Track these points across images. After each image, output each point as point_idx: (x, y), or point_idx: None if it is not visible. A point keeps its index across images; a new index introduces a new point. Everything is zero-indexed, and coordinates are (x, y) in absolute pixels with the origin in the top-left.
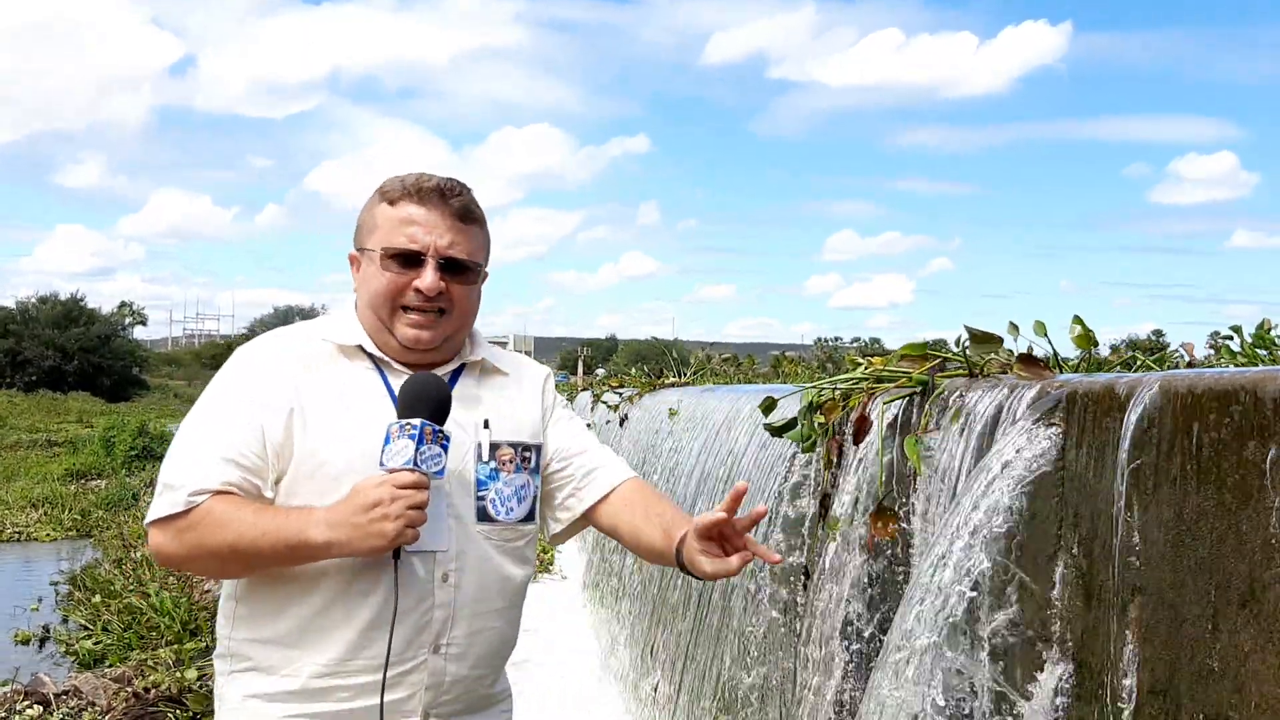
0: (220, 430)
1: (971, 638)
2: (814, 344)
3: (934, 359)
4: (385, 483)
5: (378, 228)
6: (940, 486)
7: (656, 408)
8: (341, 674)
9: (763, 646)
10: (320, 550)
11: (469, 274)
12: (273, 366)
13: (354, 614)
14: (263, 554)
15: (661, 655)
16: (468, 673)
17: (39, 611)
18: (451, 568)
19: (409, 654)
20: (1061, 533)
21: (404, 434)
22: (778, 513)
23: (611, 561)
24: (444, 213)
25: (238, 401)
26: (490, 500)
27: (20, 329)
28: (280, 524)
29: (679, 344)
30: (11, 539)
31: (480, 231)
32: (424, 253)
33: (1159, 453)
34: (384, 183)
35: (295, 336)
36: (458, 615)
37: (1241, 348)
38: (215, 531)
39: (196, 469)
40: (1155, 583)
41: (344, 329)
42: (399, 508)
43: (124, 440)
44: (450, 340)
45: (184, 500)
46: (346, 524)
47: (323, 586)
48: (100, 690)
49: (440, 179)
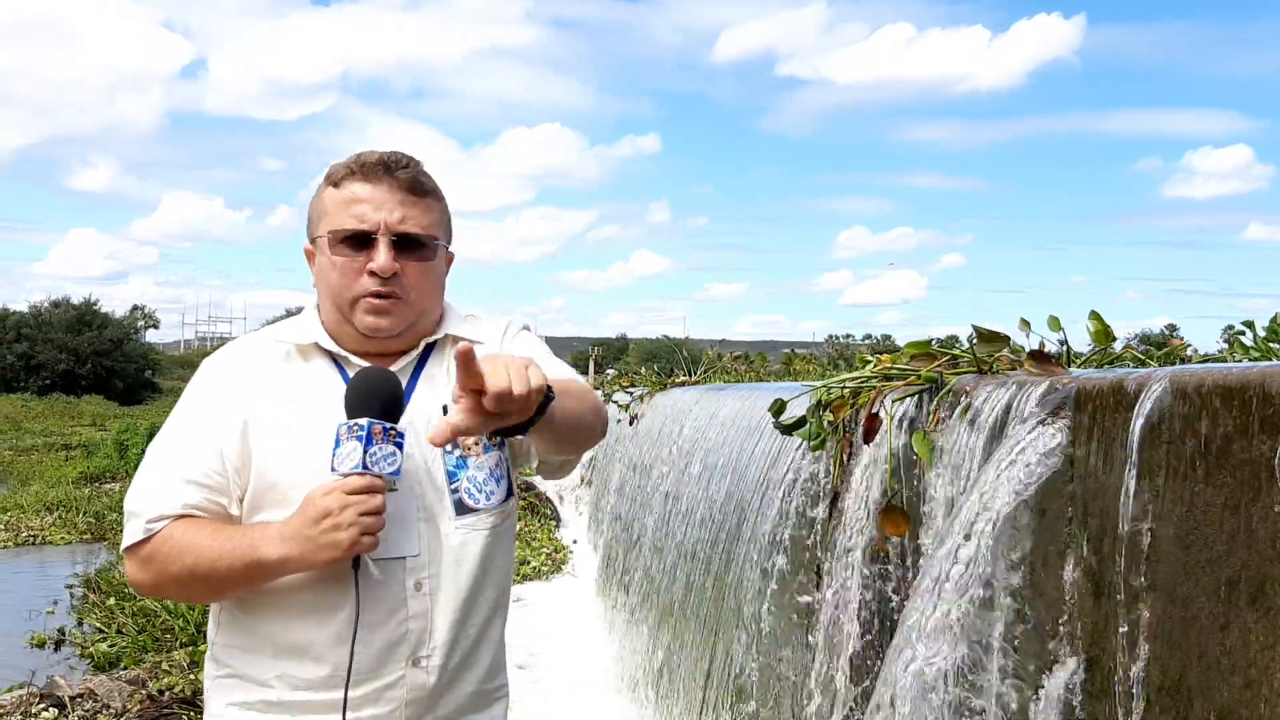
0: (179, 451)
1: (981, 635)
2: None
3: (942, 356)
4: (334, 490)
5: (325, 213)
6: (949, 483)
7: (670, 405)
8: (315, 688)
9: (773, 643)
10: (276, 567)
11: (425, 250)
12: (226, 378)
13: (324, 627)
14: (222, 576)
15: (673, 652)
16: (453, 679)
17: (54, 614)
18: (425, 575)
19: (386, 669)
20: (1071, 529)
21: (351, 435)
22: (787, 511)
23: (626, 559)
24: (391, 186)
25: (196, 418)
26: (465, 490)
27: (34, 333)
28: (235, 544)
29: (689, 342)
30: (27, 542)
31: (435, 204)
32: (374, 232)
33: (1168, 448)
34: (329, 167)
35: (252, 342)
36: (436, 624)
37: (1255, 342)
38: (175, 558)
39: (156, 495)
40: (1165, 579)
41: (301, 328)
42: (350, 515)
43: (137, 443)
44: (415, 326)
45: (143, 528)
46: (299, 537)
47: (291, 599)
48: (115, 692)
49: (384, 152)
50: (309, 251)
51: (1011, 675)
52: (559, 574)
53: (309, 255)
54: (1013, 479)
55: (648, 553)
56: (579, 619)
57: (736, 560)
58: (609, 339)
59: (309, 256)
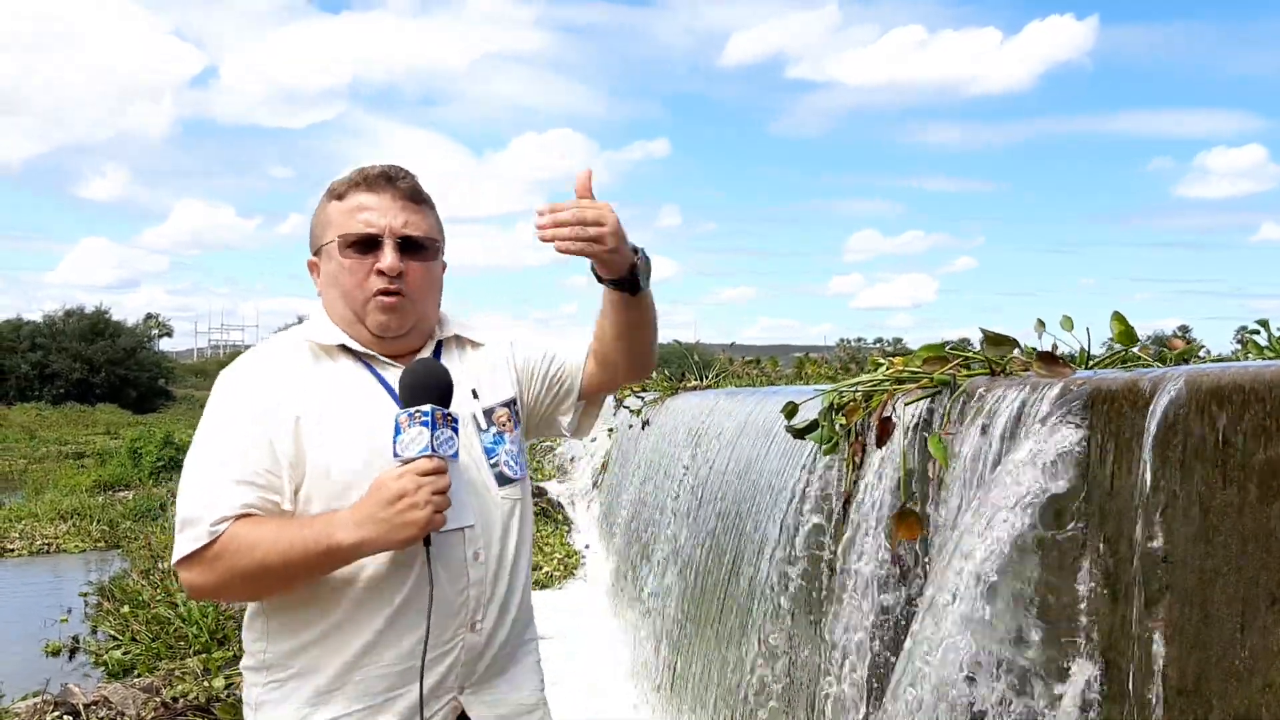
0: (228, 454)
1: (996, 639)
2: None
3: (955, 358)
4: (406, 473)
5: (331, 223)
6: (963, 486)
7: (682, 409)
8: (390, 664)
9: (786, 648)
10: (351, 551)
11: (426, 252)
12: (266, 378)
13: (388, 607)
14: (294, 567)
15: (686, 656)
16: (501, 642)
17: (68, 622)
18: (480, 545)
19: (447, 636)
20: (1086, 531)
21: (415, 422)
22: (799, 514)
23: (638, 564)
24: (394, 194)
25: (239, 421)
26: (504, 463)
27: (48, 342)
28: (305, 534)
29: (700, 346)
30: (41, 551)
31: (431, 211)
32: (380, 235)
33: (1184, 449)
34: (329, 184)
35: (278, 345)
36: (491, 590)
37: (1269, 341)
38: (244, 554)
39: (213, 498)
40: (1182, 581)
41: (323, 330)
42: (425, 494)
43: (151, 451)
44: (420, 324)
45: (207, 532)
46: (374, 520)
47: (354, 585)
48: (129, 700)
49: (383, 165)
50: (312, 264)
51: (1028, 679)
52: (571, 579)
53: (312, 268)
54: (1027, 480)
55: (660, 557)
56: (592, 625)
57: (749, 564)
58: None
59: (312, 269)
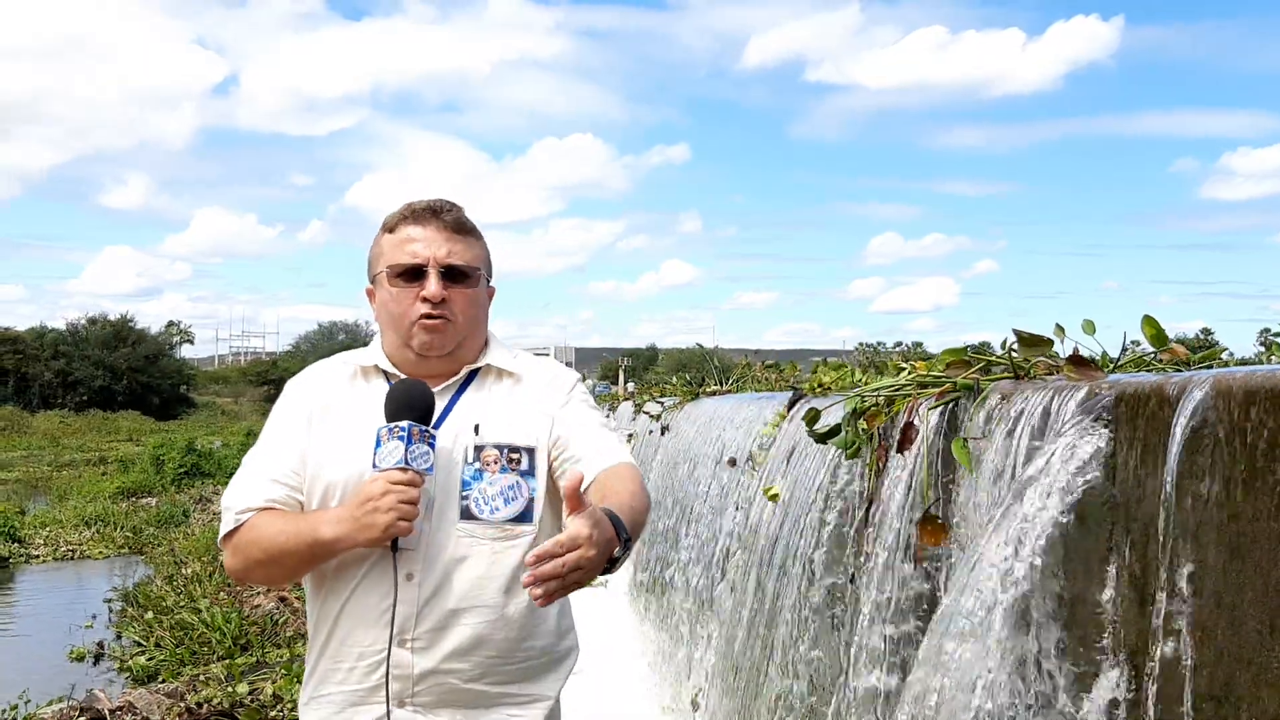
0: (265, 455)
1: (1022, 645)
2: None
3: (978, 362)
4: (379, 479)
5: (383, 254)
6: (988, 490)
7: (702, 414)
8: (345, 661)
9: (810, 652)
10: (330, 545)
11: (469, 280)
12: (305, 393)
13: (339, 601)
14: (289, 554)
15: (707, 663)
16: (438, 666)
17: (93, 628)
18: (417, 567)
19: (370, 642)
20: (1113, 535)
21: (393, 436)
22: (823, 520)
23: (658, 569)
24: (439, 227)
25: (279, 427)
26: (473, 499)
27: (71, 350)
28: (298, 527)
29: (720, 351)
30: (65, 557)
31: (476, 242)
32: (425, 264)
33: (1212, 452)
34: (384, 218)
35: (330, 362)
36: (424, 611)
37: None
38: (254, 543)
39: (245, 491)
40: (1210, 586)
41: (367, 352)
42: (389, 501)
43: (173, 458)
44: (462, 347)
45: (233, 519)
46: (349, 518)
47: (326, 579)
48: (154, 706)
49: (431, 199)
50: (370, 292)
51: (1054, 685)
52: (591, 585)
53: (370, 295)
54: (1053, 485)
55: (681, 562)
56: (613, 633)
57: (772, 570)
58: (638, 349)
59: (370, 296)
